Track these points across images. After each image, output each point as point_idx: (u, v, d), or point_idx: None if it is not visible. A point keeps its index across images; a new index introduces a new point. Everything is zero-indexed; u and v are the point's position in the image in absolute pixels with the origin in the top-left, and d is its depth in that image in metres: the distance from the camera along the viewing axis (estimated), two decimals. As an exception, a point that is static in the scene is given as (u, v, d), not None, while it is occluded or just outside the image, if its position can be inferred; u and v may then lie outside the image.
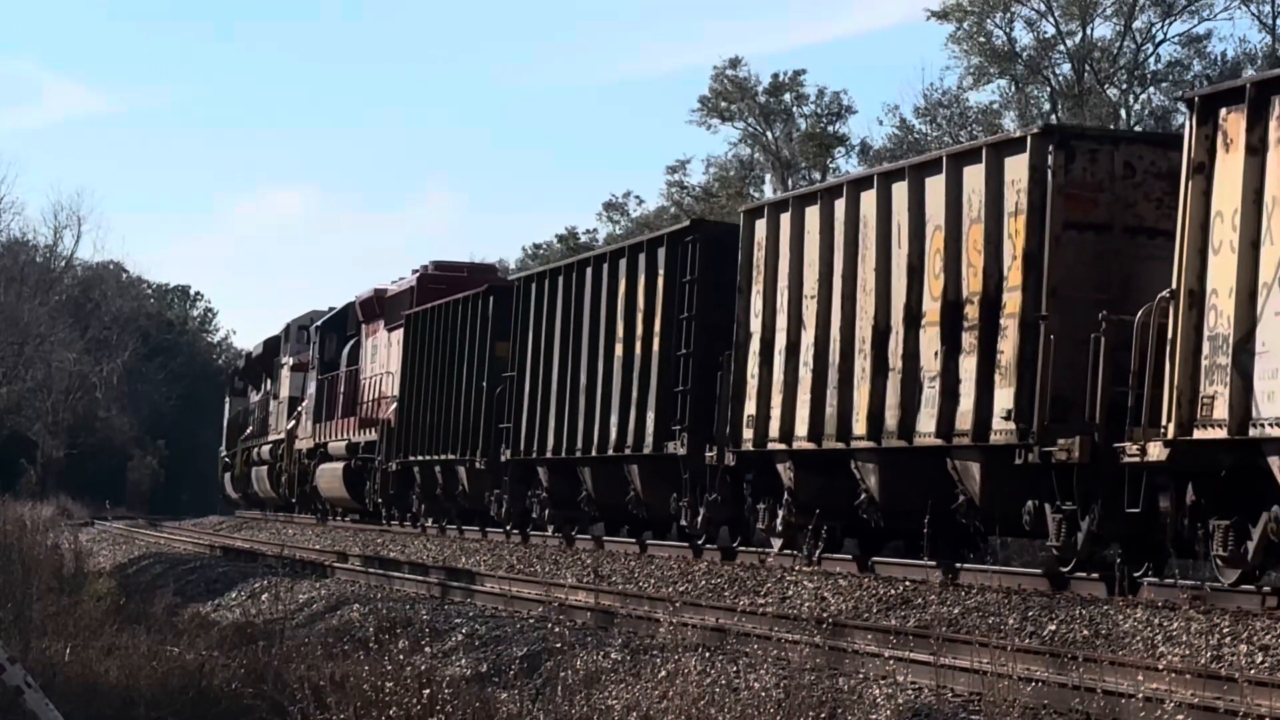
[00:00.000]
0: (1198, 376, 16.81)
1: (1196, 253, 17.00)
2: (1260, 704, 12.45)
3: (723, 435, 25.15)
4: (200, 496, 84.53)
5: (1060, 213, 19.23)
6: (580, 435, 29.78)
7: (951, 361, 20.43)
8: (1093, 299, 18.74)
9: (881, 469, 21.95)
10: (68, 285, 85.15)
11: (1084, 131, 22.07)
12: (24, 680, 13.09)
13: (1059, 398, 18.81)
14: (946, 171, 20.72)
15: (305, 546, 37.77)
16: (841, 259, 22.77)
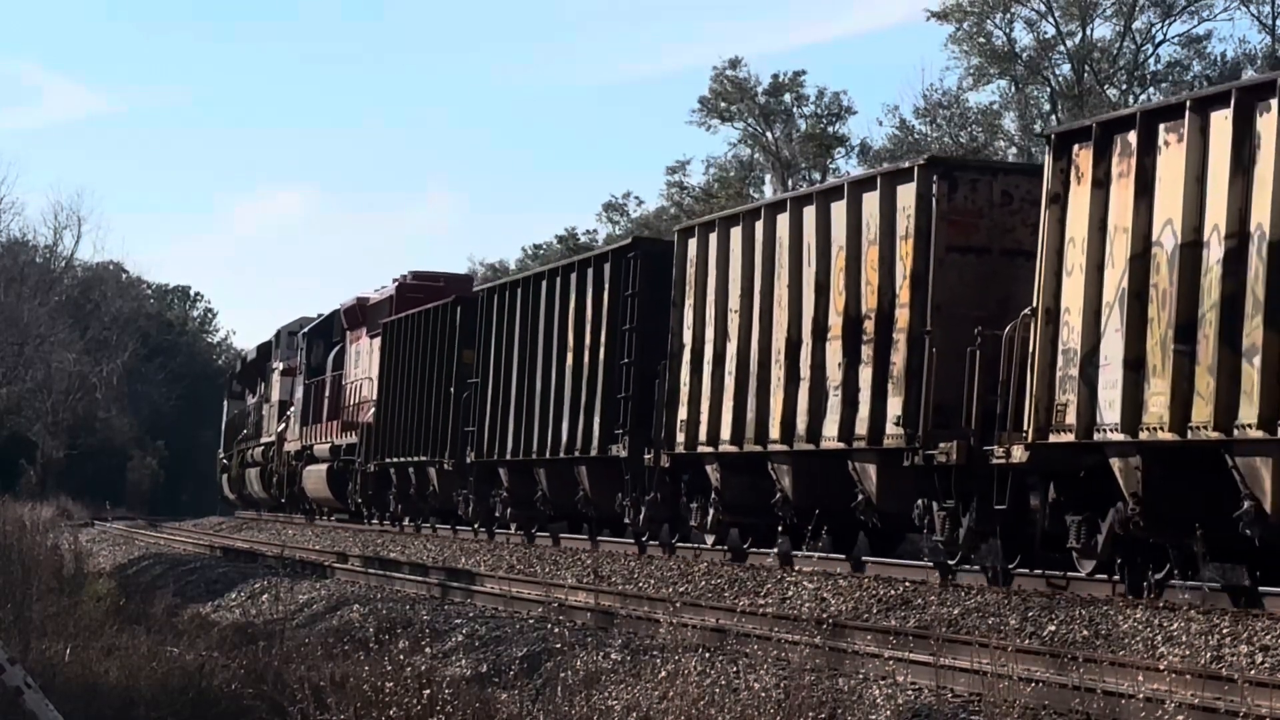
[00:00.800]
0: (1053, 386, 18.69)
1: (1053, 274, 18.88)
2: (1260, 705, 12.45)
3: (659, 439, 27.05)
4: (200, 497, 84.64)
5: (944, 237, 21.14)
6: (536, 438, 31.72)
7: (852, 372, 22.36)
8: (973, 316, 20.52)
9: (794, 470, 23.74)
10: (68, 285, 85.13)
11: (966, 163, 24.82)
12: (24, 681, 13.09)
13: (941, 405, 20.62)
14: (848, 198, 22.62)
15: (305, 547, 37.78)
16: (760, 276, 24.61)
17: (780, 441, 23.73)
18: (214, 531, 51.85)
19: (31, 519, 36.10)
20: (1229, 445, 16.67)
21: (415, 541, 36.72)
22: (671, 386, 26.72)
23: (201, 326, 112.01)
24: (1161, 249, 17.57)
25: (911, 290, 21.38)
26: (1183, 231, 17.29)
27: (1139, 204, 17.87)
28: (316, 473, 47.85)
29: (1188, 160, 17.27)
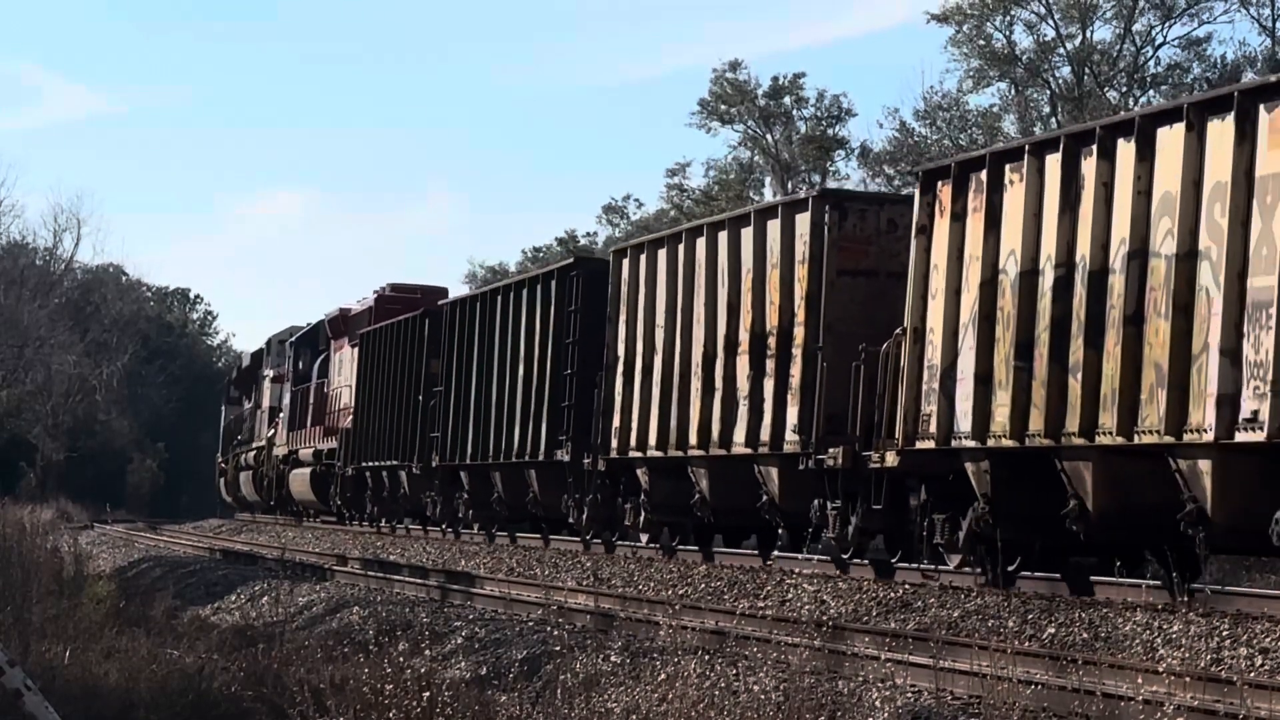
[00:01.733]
0: (919, 398, 20.90)
1: (920, 298, 21.08)
2: (1260, 707, 12.45)
3: (597, 444, 29.30)
4: (200, 499, 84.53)
5: (835, 261, 23.45)
6: (492, 444, 34.03)
7: (758, 384, 24.53)
8: (860, 333, 22.59)
9: (710, 473, 26.01)
10: (67, 288, 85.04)
11: (855, 195, 27.27)
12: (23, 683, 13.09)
13: (832, 415, 22.92)
14: (754, 225, 24.86)
15: (305, 549, 37.79)
16: (682, 295, 26.85)
17: (697, 447, 25.92)
18: (213, 534, 51.92)
19: (31, 521, 36.06)
20: (1058, 451, 18.75)
21: (414, 544, 36.74)
22: (607, 396, 28.89)
23: (201, 329, 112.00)
24: (1006, 276, 19.66)
25: (806, 310, 23.59)
26: (1022, 261, 19.39)
27: (988, 236, 19.97)
28: (301, 476, 49.62)
29: (1026, 198, 19.39)
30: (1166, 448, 17.31)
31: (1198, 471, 17.08)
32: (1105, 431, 17.95)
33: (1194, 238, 17.17)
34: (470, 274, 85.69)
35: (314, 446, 49.12)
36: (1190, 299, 17.11)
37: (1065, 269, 18.76)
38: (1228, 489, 16.85)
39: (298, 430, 51.86)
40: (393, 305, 43.76)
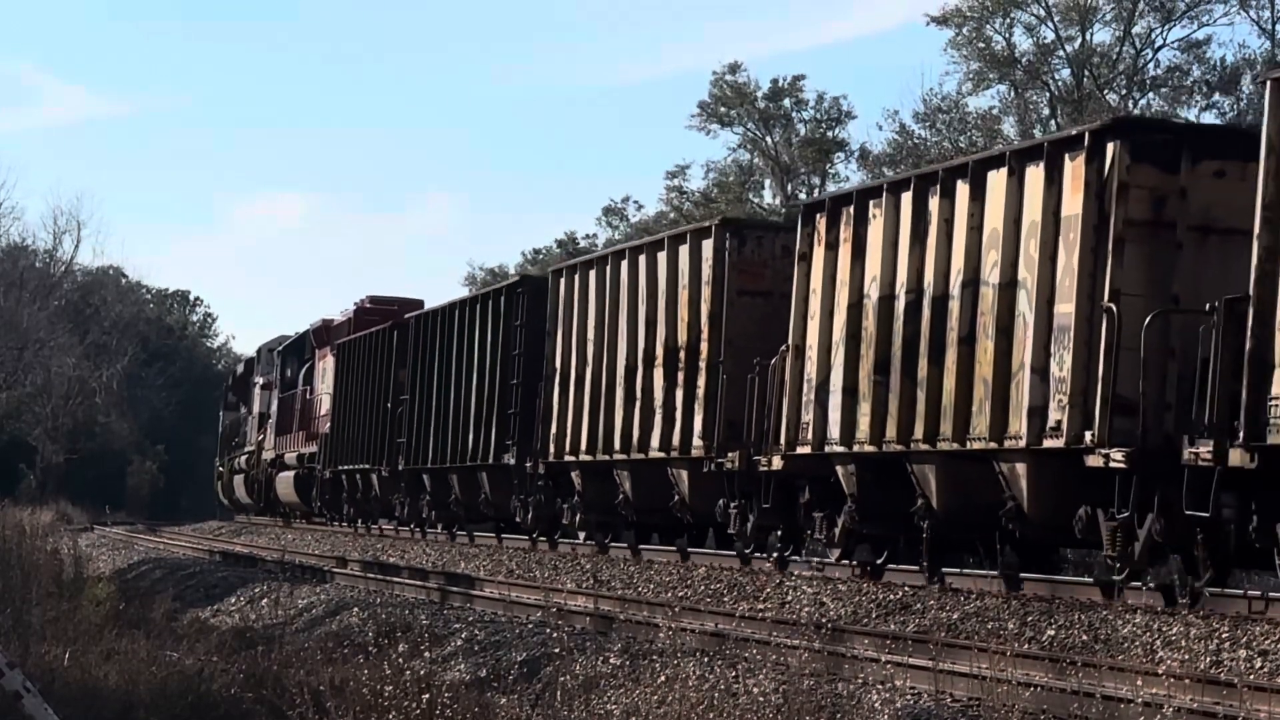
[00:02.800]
0: (799, 408, 23.36)
1: (801, 318, 23.61)
2: (1259, 709, 12.47)
3: (538, 449, 31.67)
4: (199, 502, 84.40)
5: (735, 283, 25.98)
6: (449, 448, 36.39)
7: (670, 394, 27.10)
8: (757, 348, 24.82)
9: (632, 476, 28.39)
10: (67, 290, 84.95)
11: (753, 223, 30.12)
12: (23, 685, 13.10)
13: (731, 422, 25.16)
14: (668, 250, 27.57)
15: (304, 552, 37.80)
16: (608, 312, 29.31)
17: (620, 451, 28.39)
18: (213, 536, 51.94)
19: (31, 524, 36.08)
20: (908, 455, 21.09)
21: (414, 546, 36.78)
22: (546, 404, 31.35)
23: (201, 331, 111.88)
24: (869, 300, 22.14)
25: (710, 327, 26.12)
26: (882, 287, 21.86)
27: (855, 264, 22.48)
28: (286, 479, 51.94)
29: (885, 231, 21.89)
30: (992, 453, 19.69)
31: (1016, 473, 19.41)
32: (944, 438, 20.29)
33: (1014, 269, 19.61)
34: (470, 276, 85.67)
35: (297, 451, 51.40)
36: (1010, 323, 19.58)
37: (915, 295, 21.21)
38: (1040, 488, 19.13)
39: (283, 435, 53.84)
40: (371, 316, 45.76)
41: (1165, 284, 18.17)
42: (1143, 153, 18.42)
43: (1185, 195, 18.32)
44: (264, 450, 56.55)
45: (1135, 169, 18.37)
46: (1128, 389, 17.82)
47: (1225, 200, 17.99)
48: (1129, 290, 18.18)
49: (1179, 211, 18.28)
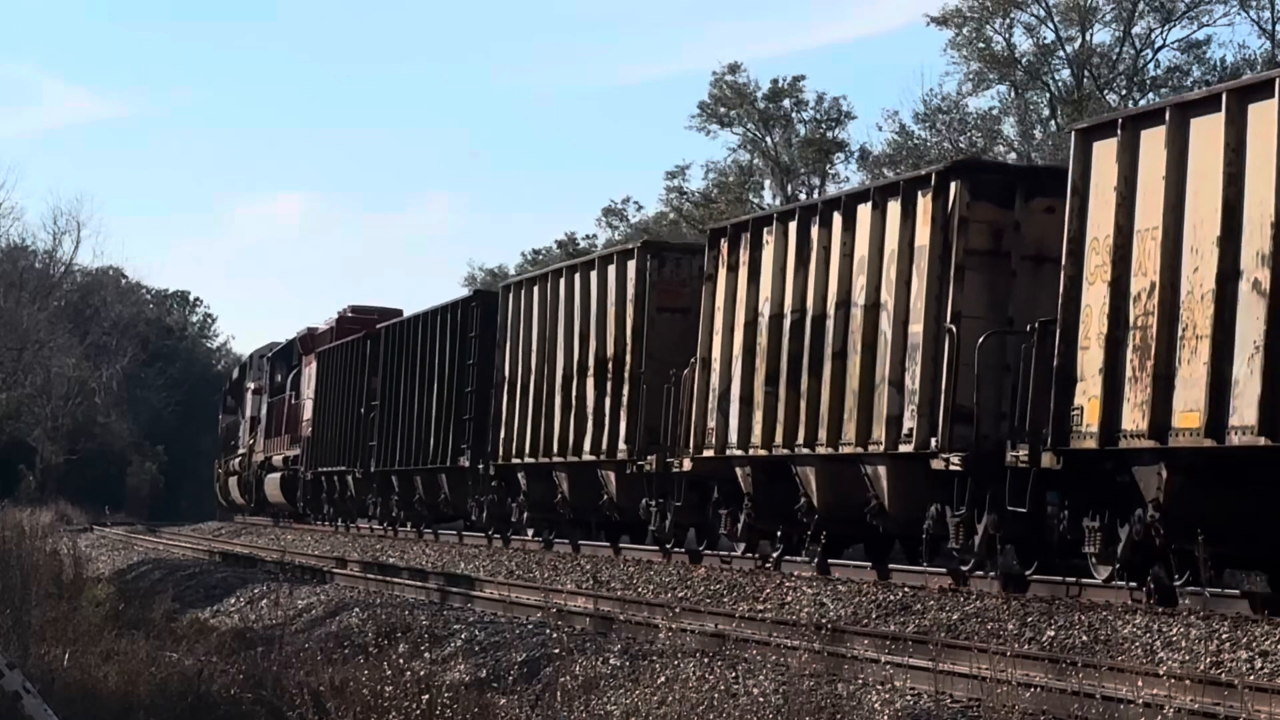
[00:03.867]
0: (705, 415, 25.72)
1: (707, 333, 26.00)
2: (1260, 710, 12.47)
3: (489, 452, 34.24)
4: (199, 502, 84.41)
5: (655, 301, 28.49)
6: (413, 451, 39.03)
7: (599, 402, 29.43)
8: (675, 360, 27.14)
9: (568, 477, 30.95)
10: (67, 291, 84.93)
11: (672, 246, 31.45)
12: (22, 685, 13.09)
13: (651, 428, 27.64)
14: (598, 269, 30.10)
15: (304, 552, 37.81)
16: (549, 325, 31.89)
17: (559, 454, 30.90)
18: (212, 537, 51.94)
19: (30, 524, 36.09)
20: (793, 458, 23.43)
21: (414, 547, 36.84)
22: (495, 410, 33.97)
23: (201, 331, 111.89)
24: (762, 318, 24.43)
25: (633, 341, 28.61)
26: (772, 306, 24.18)
27: (751, 285, 24.85)
28: (273, 480, 54.60)
29: (775, 256, 24.22)
30: (859, 456, 22.08)
31: (878, 475, 21.84)
32: (821, 444, 22.71)
33: (877, 292, 22.02)
34: (469, 276, 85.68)
35: (283, 453, 53.91)
36: (874, 340, 21.99)
37: (799, 314, 23.65)
38: (897, 489, 21.51)
39: (271, 438, 56.30)
40: (352, 325, 47.94)
41: (1002, 307, 20.55)
42: (981, 191, 20.81)
43: (1019, 228, 20.70)
44: (254, 453, 58.71)
45: (974, 205, 20.73)
46: (965, 400, 20.22)
47: (1055, 233, 19.66)
48: (969, 313, 20.57)
49: (1014, 243, 20.67)
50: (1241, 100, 16.72)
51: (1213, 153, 16.86)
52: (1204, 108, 17.25)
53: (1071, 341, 18.51)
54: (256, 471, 57.98)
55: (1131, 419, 17.56)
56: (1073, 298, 18.60)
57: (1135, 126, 18.07)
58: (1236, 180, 16.65)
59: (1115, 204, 18.11)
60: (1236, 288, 16.54)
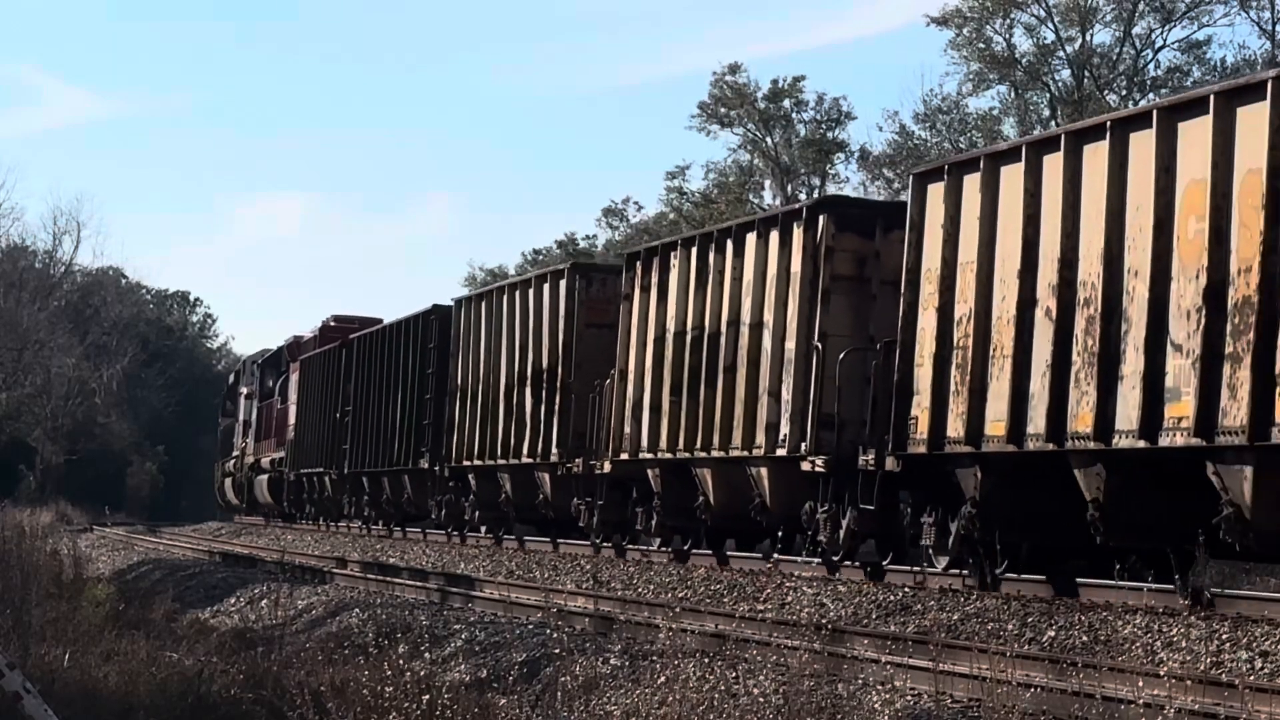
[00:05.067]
0: (623, 422, 28.31)
1: (625, 348, 28.61)
2: (1261, 710, 12.47)
3: (443, 455, 37.06)
4: (199, 502, 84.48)
5: (583, 317, 31.20)
6: (380, 454, 41.88)
7: (537, 409, 32.28)
8: (601, 371, 29.69)
9: (510, 478, 33.73)
10: (67, 291, 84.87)
11: (599, 267, 34.18)
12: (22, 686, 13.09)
13: (579, 433, 30.38)
14: (534, 288, 33.04)
15: (304, 553, 37.81)
16: (493, 338, 34.74)
17: (501, 457, 33.75)
18: (213, 537, 51.95)
19: (31, 524, 36.07)
20: (693, 461, 26.07)
21: (414, 547, 36.82)
22: (449, 416, 36.74)
23: (201, 332, 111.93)
24: (669, 334, 27.18)
25: (564, 354, 31.34)
26: (677, 324, 26.99)
27: (659, 304, 27.65)
28: (262, 481, 57.26)
29: (680, 278, 27.03)
30: (745, 459, 24.77)
31: (760, 476, 24.56)
32: (715, 448, 25.41)
33: (760, 312, 24.68)
34: (470, 277, 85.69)
35: (270, 456, 56.42)
36: (758, 356, 24.64)
37: (699, 331, 26.35)
38: (776, 488, 24.21)
39: (261, 441, 58.76)
40: (334, 334, 50.02)
41: (864, 326, 23.24)
42: (846, 224, 23.67)
43: (880, 257, 23.39)
44: (246, 455, 61.19)
45: (840, 236, 23.55)
46: (830, 409, 22.95)
47: (910, 261, 22.80)
48: (834, 331, 23.36)
49: (875, 270, 23.41)
50: (1038, 152, 19.34)
51: (1015, 197, 19.49)
52: (1010, 158, 19.83)
53: (909, 359, 21.16)
54: (247, 473, 60.14)
55: (954, 427, 20.17)
56: (910, 321, 21.23)
57: (959, 172, 20.68)
58: (1034, 221, 19.26)
59: (943, 240, 20.72)
60: (1033, 314, 19.16)
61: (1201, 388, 16.63)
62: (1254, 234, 16.24)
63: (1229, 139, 16.68)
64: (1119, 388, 17.78)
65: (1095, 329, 18.19)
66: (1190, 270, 17.02)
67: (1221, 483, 16.65)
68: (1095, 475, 18.28)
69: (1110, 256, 18.11)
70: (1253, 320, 16.14)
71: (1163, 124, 17.55)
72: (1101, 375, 18.00)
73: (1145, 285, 17.55)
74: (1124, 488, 18.09)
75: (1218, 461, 16.67)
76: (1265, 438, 15.98)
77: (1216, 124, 16.77)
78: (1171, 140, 17.42)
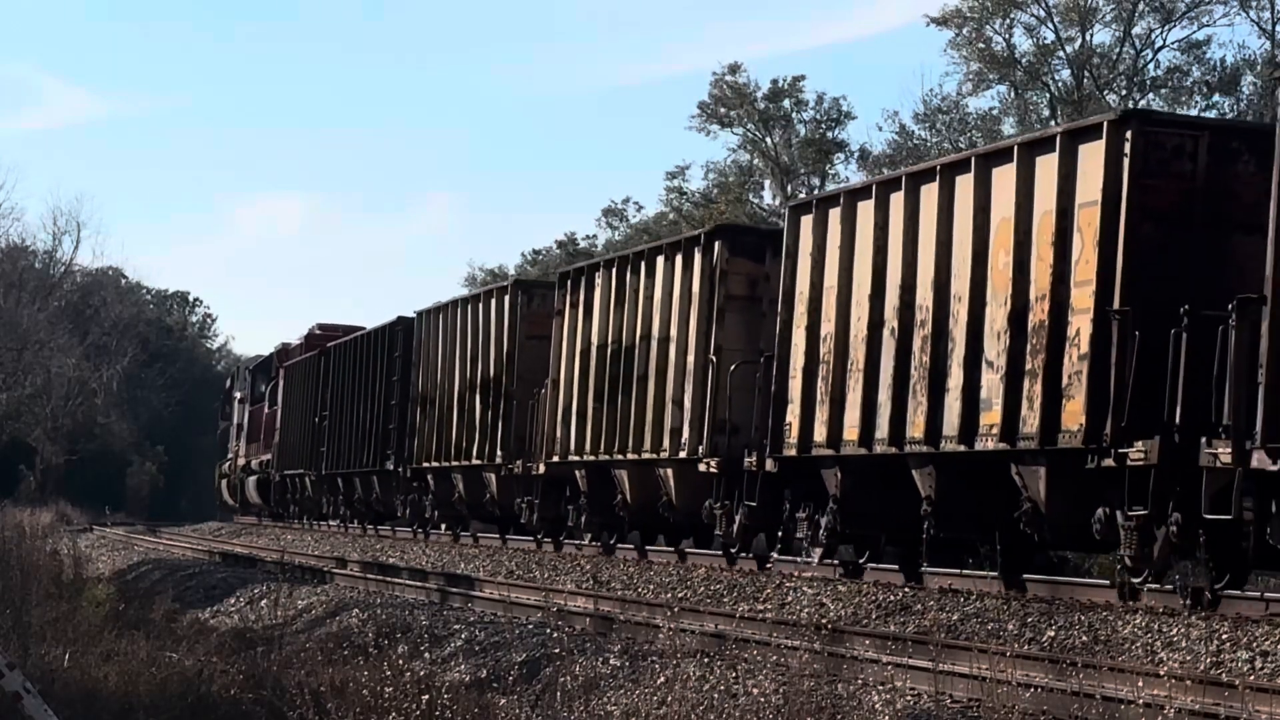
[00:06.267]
0: (555, 426, 31.29)
1: (556, 359, 31.60)
2: (1260, 710, 12.47)
3: (406, 457, 39.92)
4: (199, 502, 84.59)
5: (524, 330, 33.91)
6: (353, 456, 44.68)
7: (485, 415, 35.09)
8: (540, 380, 32.32)
9: (463, 478, 36.35)
10: (67, 291, 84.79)
11: (539, 284, 36.78)
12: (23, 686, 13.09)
13: (520, 437, 33.34)
14: (483, 303, 35.89)
15: (304, 553, 37.81)
16: (449, 348, 37.55)
17: (454, 459, 36.52)
18: (212, 537, 51.95)
19: (31, 524, 36.15)
20: (613, 463, 28.61)
21: (414, 547, 36.83)
22: (411, 421, 39.68)
23: (201, 332, 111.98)
24: (593, 347, 29.98)
25: (507, 364, 34.24)
26: (599, 338, 29.83)
27: (585, 320, 30.55)
28: (252, 482, 59.84)
29: (602, 297, 29.87)
30: (655, 461, 27.44)
31: (667, 476, 27.23)
32: (631, 451, 28.03)
33: (668, 328, 27.44)
34: (470, 277, 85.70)
35: (260, 458, 58.90)
36: (665, 367, 27.35)
37: (618, 345, 29.08)
38: (680, 487, 26.88)
39: (251, 444, 61.24)
40: (319, 341, 52.14)
41: (755, 341, 25.60)
42: (738, 249, 26.34)
43: (769, 279, 25.59)
44: (238, 457, 63.50)
45: (733, 260, 26.22)
46: (722, 416, 25.63)
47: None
48: (728, 346, 25.95)
49: (765, 290, 25.79)
50: (886, 190, 21.98)
51: (868, 230, 22.18)
52: (864, 195, 22.49)
53: (785, 372, 23.82)
54: (240, 475, 62.36)
55: (819, 433, 22.79)
56: (785, 338, 23.94)
57: (825, 206, 23.42)
58: (882, 251, 21.92)
59: (811, 266, 23.43)
60: (881, 334, 21.79)
61: (1006, 399, 19.32)
62: (1047, 266, 18.88)
63: (1030, 184, 19.31)
64: (946, 399, 20.39)
65: (929, 347, 20.82)
66: (1000, 297, 19.67)
67: (1022, 481, 19.26)
68: (928, 475, 20.88)
69: (940, 284, 20.74)
70: (1045, 341, 18.80)
71: (980, 169, 20.15)
72: (932, 388, 20.61)
73: (966, 309, 20.19)
74: (950, 486, 20.65)
75: (1019, 463, 19.29)
76: (1053, 443, 18.55)
77: (1020, 171, 19.39)
78: (987, 184, 19.99)
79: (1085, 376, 18.19)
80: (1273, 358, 15.83)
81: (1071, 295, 18.59)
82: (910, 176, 21.65)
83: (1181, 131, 18.42)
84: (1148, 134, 18.16)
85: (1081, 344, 18.33)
